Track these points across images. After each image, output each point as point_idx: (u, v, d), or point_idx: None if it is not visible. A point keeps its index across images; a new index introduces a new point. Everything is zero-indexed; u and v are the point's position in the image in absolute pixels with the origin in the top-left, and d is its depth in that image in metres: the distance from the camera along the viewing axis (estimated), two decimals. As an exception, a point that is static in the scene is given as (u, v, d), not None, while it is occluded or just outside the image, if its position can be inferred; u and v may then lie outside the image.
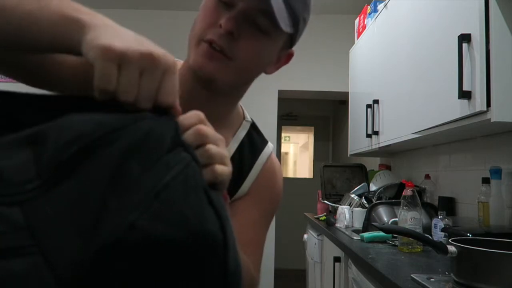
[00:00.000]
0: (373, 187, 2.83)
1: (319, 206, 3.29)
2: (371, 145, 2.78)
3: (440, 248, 1.12)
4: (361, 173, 3.44)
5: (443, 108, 1.68)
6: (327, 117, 6.28)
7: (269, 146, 0.89)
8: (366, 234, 1.99)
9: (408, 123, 2.09)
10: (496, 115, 1.39)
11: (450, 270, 1.17)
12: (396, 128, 2.31)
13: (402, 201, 1.78)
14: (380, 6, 2.72)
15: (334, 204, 2.89)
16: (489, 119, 1.40)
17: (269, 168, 0.87)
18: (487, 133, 1.94)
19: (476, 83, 1.43)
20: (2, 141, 0.41)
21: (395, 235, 1.83)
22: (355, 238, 2.07)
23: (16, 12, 0.49)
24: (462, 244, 1.09)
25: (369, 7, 3.04)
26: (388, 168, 3.25)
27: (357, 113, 3.15)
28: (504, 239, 1.16)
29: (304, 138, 6.80)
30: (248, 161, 0.84)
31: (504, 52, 1.40)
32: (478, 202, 1.79)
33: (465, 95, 1.47)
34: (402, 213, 1.76)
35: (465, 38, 1.48)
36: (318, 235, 2.86)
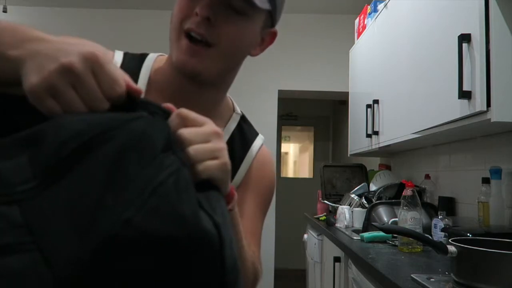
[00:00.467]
0: (373, 187, 2.83)
1: (319, 206, 3.29)
2: (371, 145, 2.78)
3: (440, 248, 1.12)
4: (361, 173, 3.44)
5: (443, 108, 1.68)
6: (327, 117, 6.28)
7: (260, 138, 0.89)
8: (366, 234, 1.99)
9: (408, 123, 2.09)
10: (496, 115, 1.39)
11: (450, 270, 1.17)
12: (396, 128, 2.31)
13: (402, 201, 1.78)
14: (380, 6, 2.72)
15: (334, 204, 2.89)
16: (489, 119, 1.40)
17: (261, 160, 0.87)
18: (487, 133, 1.94)
19: (476, 83, 1.43)
20: (2, 142, 0.41)
21: (395, 235, 1.82)
22: (355, 238, 2.07)
23: None
24: (462, 244, 1.09)
25: (369, 7, 3.04)
26: (388, 168, 3.25)
27: (357, 113, 3.15)
28: (504, 239, 1.16)
29: (304, 138, 6.80)
30: (239, 154, 0.83)
31: (504, 52, 1.40)
32: (478, 202, 1.79)
33: (465, 95, 1.47)
34: (402, 213, 1.76)
35: (465, 38, 1.48)
36: (318, 235, 2.86)
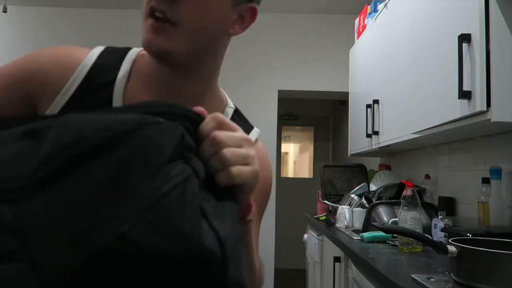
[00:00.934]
0: (373, 187, 2.83)
1: (319, 206, 3.29)
2: (371, 145, 2.78)
3: (440, 248, 1.12)
4: (361, 173, 3.44)
5: (443, 108, 1.68)
6: (327, 117, 6.28)
7: (255, 132, 0.85)
8: (366, 234, 1.99)
9: (408, 123, 2.09)
10: (496, 115, 1.39)
11: (450, 270, 1.17)
12: (396, 128, 2.31)
13: (402, 201, 1.78)
14: (380, 6, 2.72)
15: (334, 204, 2.89)
16: (489, 119, 1.40)
17: (257, 152, 0.84)
18: (487, 133, 1.94)
19: (476, 83, 1.43)
20: (4, 132, 0.40)
21: (395, 235, 1.83)
22: (355, 238, 2.07)
23: None
24: (462, 244, 1.09)
25: (369, 7, 3.04)
26: (388, 168, 3.25)
27: (357, 113, 3.15)
28: (504, 239, 1.16)
29: (304, 138, 6.80)
30: None
31: (504, 52, 1.40)
32: (478, 202, 1.79)
33: (465, 95, 1.47)
34: (402, 213, 1.76)
35: (465, 38, 1.48)
36: (318, 235, 2.86)
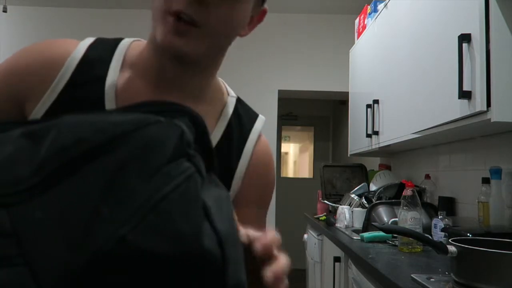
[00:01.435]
0: (373, 187, 2.83)
1: (319, 206, 3.29)
2: (371, 145, 2.78)
3: (440, 248, 1.12)
4: (361, 173, 3.44)
5: (443, 108, 1.68)
6: (327, 117, 6.28)
7: (260, 120, 0.82)
8: (366, 234, 1.99)
9: (408, 123, 2.09)
10: (496, 115, 1.39)
11: (450, 270, 1.17)
12: (396, 128, 2.31)
13: (402, 201, 1.78)
14: (380, 6, 2.72)
15: (334, 204, 2.89)
16: (489, 119, 1.40)
17: (262, 149, 0.81)
18: (487, 133, 1.94)
19: (476, 83, 1.43)
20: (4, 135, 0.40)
21: (395, 235, 1.83)
22: (355, 238, 2.07)
23: None
24: (462, 244, 1.09)
25: (369, 7, 3.04)
26: (388, 168, 3.25)
27: (357, 113, 3.15)
28: (504, 239, 1.16)
29: (304, 138, 6.80)
30: (238, 143, 0.78)
31: (504, 52, 1.40)
32: (478, 202, 1.79)
33: (465, 95, 1.47)
34: (402, 213, 1.76)
35: (465, 38, 1.48)
36: (318, 235, 2.86)
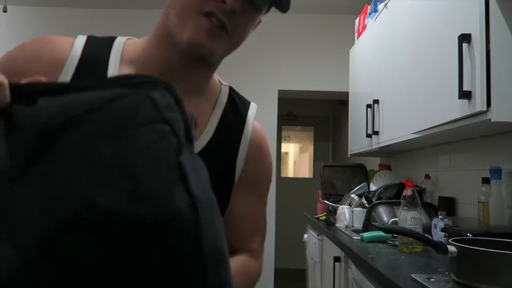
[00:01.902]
0: (373, 187, 2.83)
1: (319, 206, 3.29)
2: (371, 145, 2.78)
3: (440, 248, 1.12)
4: (361, 173, 3.44)
5: (443, 108, 1.68)
6: (327, 117, 6.28)
7: (253, 107, 0.84)
8: (366, 234, 1.99)
9: (408, 123, 2.09)
10: (496, 115, 1.39)
11: (450, 270, 1.17)
12: (396, 128, 2.31)
13: (402, 201, 1.78)
14: (380, 6, 2.72)
15: (334, 204, 2.89)
16: (489, 119, 1.40)
17: (257, 142, 0.82)
18: (487, 133, 1.94)
19: (476, 83, 1.43)
20: None
21: (395, 235, 1.82)
22: (355, 238, 2.07)
23: None
24: (462, 244, 1.09)
25: (369, 7, 3.04)
26: (388, 168, 3.25)
27: (357, 113, 3.15)
28: (504, 239, 1.16)
29: (304, 138, 6.80)
30: (235, 129, 0.79)
31: (504, 52, 1.40)
32: (478, 202, 1.79)
33: (465, 95, 1.47)
34: (402, 213, 1.76)
35: (465, 38, 1.48)
36: (318, 235, 2.86)
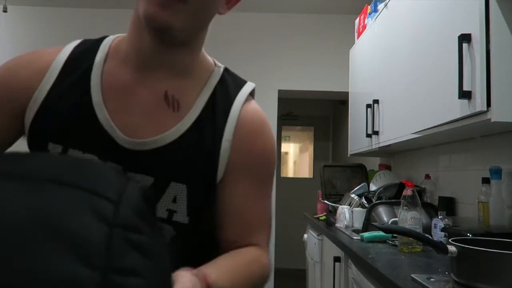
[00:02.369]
0: (373, 187, 2.83)
1: (319, 206, 3.29)
2: (371, 145, 2.78)
3: (440, 248, 1.12)
4: (361, 173, 3.44)
5: (443, 108, 1.68)
6: (327, 117, 6.28)
7: (248, 86, 0.79)
8: (366, 234, 1.99)
9: (408, 123, 2.09)
10: (496, 115, 1.39)
11: (450, 270, 1.17)
12: (396, 128, 2.31)
13: (402, 201, 1.78)
14: (381, 6, 2.72)
15: (334, 204, 2.89)
16: (489, 119, 1.40)
17: (249, 113, 0.77)
18: (487, 133, 1.94)
19: (476, 83, 1.43)
20: None
21: (395, 235, 1.82)
22: (355, 238, 2.07)
23: None
24: (462, 244, 1.09)
25: (369, 7, 3.04)
26: (388, 168, 3.25)
27: (357, 113, 3.15)
28: (504, 239, 1.16)
29: (304, 138, 6.80)
30: (222, 110, 0.75)
31: (504, 52, 1.40)
32: (478, 202, 1.79)
33: (465, 95, 1.47)
34: (402, 213, 1.76)
35: (465, 38, 1.48)
36: (318, 235, 2.86)
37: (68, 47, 0.77)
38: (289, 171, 7.13)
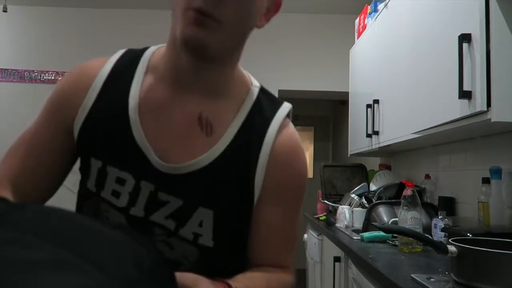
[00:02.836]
0: (373, 187, 2.83)
1: (319, 206, 3.29)
2: (371, 145, 2.78)
3: (440, 248, 1.12)
4: (361, 173, 3.44)
5: (443, 108, 1.68)
6: (327, 117, 6.28)
7: (283, 109, 0.79)
8: (366, 234, 1.99)
9: (408, 123, 2.09)
10: (496, 115, 1.39)
11: (450, 270, 1.17)
12: (396, 128, 2.31)
13: (402, 201, 1.77)
14: (381, 6, 2.72)
15: (334, 204, 2.89)
16: (489, 119, 1.40)
17: (285, 138, 0.77)
18: (487, 133, 1.94)
19: (476, 83, 1.43)
20: None
21: (395, 235, 1.82)
22: (355, 238, 2.07)
23: None
24: (462, 244, 1.09)
25: (370, 7, 3.04)
26: (388, 168, 3.25)
27: (357, 113, 3.15)
28: (504, 239, 1.16)
29: (304, 138, 6.80)
30: (258, 135, 0.75)
31: (504, 52, 1.40)
32: (478, 202, 1.79)
33: (465, 95, 1.47)
34: (402, 213, 1.76)
35: (465, 38, 1.48)
36: (318, 235, 2.86)
37: (112, 59, 0.77)
38: (289, 171, 7.13)
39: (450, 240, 1.13)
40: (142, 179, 0.72)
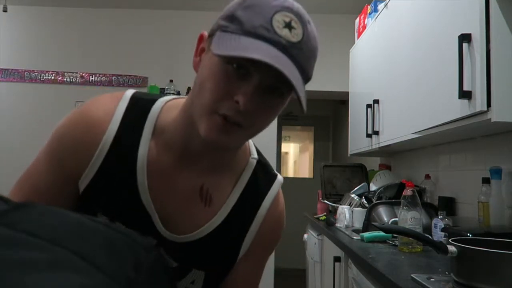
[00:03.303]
0: (373, 187, 2.83)
1: (319, 206, 3.28)
2: (371, 145, 2.78)
3: (440, 248, 1.12)
4: (361, 173, 3.44)
5: (443, 108, 1.68)
6: (327, 117, 6.28)
7: (277, 183, 0.85)
8: (366, 234, 1.99)
9: (408, 123, 2.09)
10: (497, 115, 1.39)
11: (450, 270, 1.17)
12: (396, 128, 2.31)
13: (402, 201, 1.77)
14: (381, 6, 2.72)
15: (334, 204, 2.89)
16: (490, 119, 1.40)
17: (273, 215, 0.84)
18: (487, 133, 1.94)
19: (477, 83, 1.43)
20: None
21: (395, 235, 1.82)
22: (355, 238, 2.07)
23: None
24: (462, 244, 1.09)
25: (370, 7, 3.04)
26: (388, 168, 3.25)
27: (357, 113, 3.15)
28: (504, 239, 1.16)
29: (304, 138, 6.80)
30: (251, 209, 0.82)
31: (504, 52, 1.40)
32: (478, 202, 1.79)
33: (465, 95, 1.47)
34: (402, 213, 1.76)
35: (465, 38, 1.48)
36: (318, 235, 2.86)
37: (119, 112, 0.75)
38: (289, 171, 7.14)
39: (450, 240, 1.13)
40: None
